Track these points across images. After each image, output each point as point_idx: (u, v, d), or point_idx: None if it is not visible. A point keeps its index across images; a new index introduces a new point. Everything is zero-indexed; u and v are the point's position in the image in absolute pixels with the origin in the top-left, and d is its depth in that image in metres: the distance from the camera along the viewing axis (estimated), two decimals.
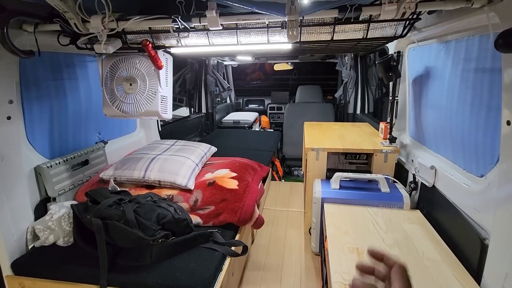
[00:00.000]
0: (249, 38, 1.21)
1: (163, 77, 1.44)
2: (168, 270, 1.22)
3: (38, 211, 1.48)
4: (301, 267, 1.86)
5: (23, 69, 1.38)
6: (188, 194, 1.64)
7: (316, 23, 1.09)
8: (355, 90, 3.52)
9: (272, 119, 5.17)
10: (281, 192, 2.99)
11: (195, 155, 1.91)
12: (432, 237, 1.35)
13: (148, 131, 2.50)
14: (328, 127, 2.64)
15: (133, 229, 1.24)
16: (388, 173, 1.91)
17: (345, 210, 1.59)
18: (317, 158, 1.99)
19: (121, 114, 1.45)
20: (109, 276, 1.20)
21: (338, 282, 1.08)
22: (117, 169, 1.72)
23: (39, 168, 1.48)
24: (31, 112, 1.46)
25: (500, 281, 0.95)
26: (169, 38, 1.30)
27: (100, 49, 1.21)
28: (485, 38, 1.09)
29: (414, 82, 1.82)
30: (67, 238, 1.39)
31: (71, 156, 1.66)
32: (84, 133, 1.84)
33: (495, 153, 1.05)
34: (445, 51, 1.40)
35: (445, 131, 1.44)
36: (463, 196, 1.26)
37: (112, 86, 1.46)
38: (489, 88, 1.08)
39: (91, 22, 1.13)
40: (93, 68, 1.83)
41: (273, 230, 2.28)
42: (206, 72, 3.93)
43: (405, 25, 1.11)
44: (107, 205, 1.29)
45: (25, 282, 1.27)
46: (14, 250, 1.34)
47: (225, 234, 1.51)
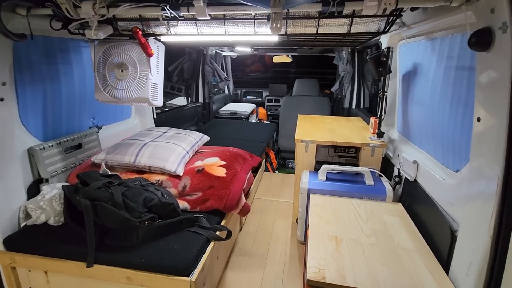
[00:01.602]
0: (237, 29, 1.23)
1: (154, 65, 1.47)
2: (153, 251, 1.27)
3: (30, 191, 1.53)
4: (286, 255, 1.92)
5: (17, 53, 1.41)
6: (177, 180, 1.69)
7: (301, 16, 1.12)
8: (351, 85, 3.53)
9: (270, 111, 5.19)
10: (273, 183, 3.04)
11: (186, 142, 1.95)
12: (409, 228, 1.40)
13: (143, 118, 2.54)
14: (320, 120, 2.67)
15: (121, 210, 1.29)
16: (375, 166, 1.96)
17: (330, 201, 1.64)
18: (306, 150, 2.03)
19: (112, 100, 1.49)
20: (96, 255, 1.26)
21: (314, 266, 1.13)
22: (109, 154, 1.76)
23: (32, 149, 1.52)
24: (25, 95, 1.50)
25: (464, 269, 1.01)
26: (159, 26, 1.32)
27: (91, 34, 1.24)
28: (466, 36, 1.11)
29: (403, 78, 1.85)
30: (57, 217, 1.44)
31: (64, 139, 1.70)
32: (78, 118, 1.87)
33: (469, 148, 1.09)
34: (431, 48, 1.42)
35: (428, 127, 1.48)
36: (440, 190, 1.30)
37: (104, 72, 1.49)
38: (466, 85, 1.12)
39: (82, 7, 1.16)
40: (87, 53, 1.86)
41: (262, 219, 2.34)
42: (204, 62, 3.93)
43: (387, 21, 1.13)
44: (96, 187, 1.34)
45: (16, 258, 1.33)
46: (6, 227, 1.39)
47: (211, 219, 1.56)
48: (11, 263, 1.35)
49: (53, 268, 1.31)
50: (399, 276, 1.07)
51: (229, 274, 1.74)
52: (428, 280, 1.06)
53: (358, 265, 1.12)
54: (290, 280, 1.71)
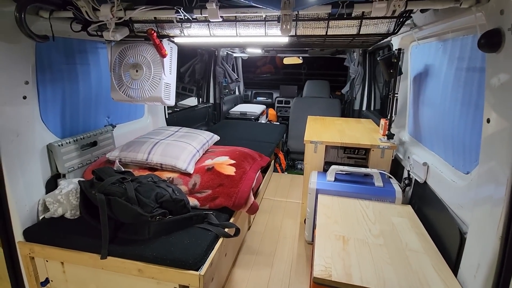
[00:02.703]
0: (248, 30, 1.27)
1: (167, 65, 1.52)
2: (163, 245, 1.31)
3: (49, 185, 1.60)
4: (293, 254, 1.93)
5: (39, 53, 1.48)
6: (187, 178, 1.73)
7: (311, 18, 1.14)
8: (362, 87, 3.51)
9: (280, 112, 5.21)
10: (282, 183, 3.06)
11: (196, 141, 2.00)
12: (418, 230, 1.39)
13: (155, 117, 2.60)
14: (330, 122, 2.68)
15: (133, 205, 1.33)
16: (385, 168, 1.95)
17: (338, 201, 1.64)
18: (315, 150, 2.04)
19: (127, 99, 1.54)
20: (109, 247, 1.31)
21: (320, 264, 1.14)
22: (123, 151, 1.83)
23: (51, 146, 1.59)
24: (45, 93, 1.57)
25: (473, 271, 1.00)
26: (173, 28, 1.37)
27: (109, 36, 1.30)
28: (476, 37, 1.11)
29: (414, 79, 1.84)
30: (74, 211, 1.51)
31: (81, 137, 1.77)
32: (94, 116, 1.95)
33: (479, 151, 1.08)
34: (443, 50, 1.42)
35: (439, 129, 1.47)
36: (450, 192, 1.29)
37: (120, 72, 1.55)
38: (477, 87, 1.11)
39: (101, 10, 1.21)
40: (103, 54, 1.93)
41: (270, 219, 2.36)
42: (215, 63, 3.99)
43: (396, 22, 1.14)
44: (111, 183, 1.39)
45: (35, 248, 1.40)
46: (26, 219, 1.46)
47: (220, 217, 1.59)
48: (30, 253, 1.42)
49: (69, 259, 1.37)
50: (405, 276, 1.07)
51: (236, 272, 1.76)
52: (435, 281, 1.06)
53: (364, 264, 1.13)
54: (297, 279, 1.72)
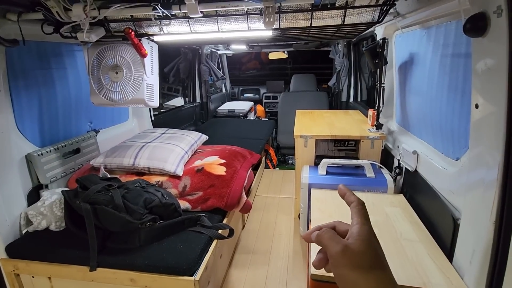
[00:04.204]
0: (230, 25, 1.22)
1: (149, 65, 1.46)
2: (155, 252, 1.27)
3: (30, 197, 1.52)
4: (289, 251, 1.92)
5: (10, 59, 1.40)
6: (177, 180, 1.68)
7: (294, 9, 1.10)
8: (348, 78, 3.52)
9: (268, 108, 5.18)
10: (274, 179, 3.04)
11: (184, 143, 1.95)
12: (411, 219, 1.39)
13: (141, 120, 2.53)
14: (319, 115, 2.67)
15: (121, 213, 1.28)
16: (375, 159, 1.95)
17: (331, 195, 1.63)
18: (306, 145, 2.03)
19: (108, 103, 1.48)
20: (99, 258, 1.25)
21: None
22: (107, 157, 1.76)
23: (30, 156, 1.51)
24: (20, 101, 1.49)
25: (468, 257, 1.00)
26: (152, 26, 1.31)
27: (83, 37, 1.23)
28: (461, 23, 1.10)
29: (400, 68, 1.84)
30: (59, 223, 1.44)
31: (62, 145, 1.69)
32: (75, 122, 1.87)
33: (468, 136, 1.08)
34: (427, 37, 1.41)
35: (426, 116, 1.47)
36: (441, 179, 1.30)
37: (99, 74, 1.48)
38: (463, 72, 1.11)
39: (73, 10, 1.15)
40: (81, 57, 1.84)
41: (264, 216, 2.34)
42: (200, 61, 3.92)
43: (381, 10, 1.12)
44: (96, 191, 1.34)
45: (19, 265, 1.33)
46: (8, 234, 1.38)
47: (213, 218, 1.56)
48: (14, 270, 1.34)
49: (57, 273, 1.31)
50: (402, 267, 1.07)
51: (233, 272, 1.74)
52: (432, 269, 1.06)
53: None
54: (295, 276, 1.71)
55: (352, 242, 0.37)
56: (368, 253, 0.37)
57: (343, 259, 0.37)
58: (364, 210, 0.41)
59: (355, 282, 0.36)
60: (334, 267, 0.38)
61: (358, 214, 0.40)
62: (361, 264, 0.36)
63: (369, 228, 0.39)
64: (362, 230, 0.38)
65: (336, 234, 0.40)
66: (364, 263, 0.36)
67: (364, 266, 0.36)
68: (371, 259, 0.37)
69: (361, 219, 0.39)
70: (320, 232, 0.41)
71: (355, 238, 0.37)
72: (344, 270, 0.37)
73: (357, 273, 0.36)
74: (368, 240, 0.38)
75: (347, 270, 0.36)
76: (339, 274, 0.37)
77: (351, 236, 0.38)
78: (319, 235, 0.40)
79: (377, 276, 0.36)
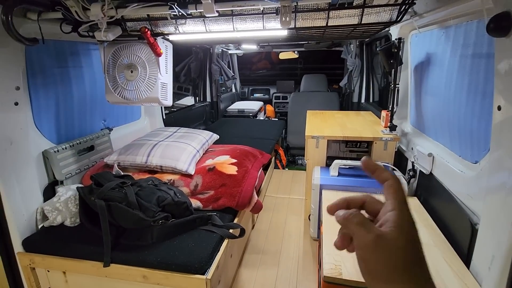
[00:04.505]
0: (245, 24, 1.22)
1: (163, 64, 1.47)
2: (167, 249, 1.28)
3: (46, 193, 1.56)
4: (299, 252, 1.91)
5: (29, 57, 1.43)
6: (188, 179, 1.69)
7: (311, 8, 1.09)
8: (360, 79, 3.48)
9: (277, 108, 5.17)
10: (284, 180, 3.03)
11: (196, 141, 1.96)
12: (426, 223, 1.37)
13: (153, 119, 2.55)
14: (330, 115, 2.64)
15: (135, 210, 1.30)
16: (388, 161, 1.92)
17: (343, 196, 1.61)
18: (317, 146, 2.01)
19: (123, 101, 1.50)
20: (112, 254, 1.27)
21: (329, 263, 1.11)
22: (121, 155, 1.78)
23: (47, 152, 1.55)
24: (38, 99, 1.52)
25: (487, 263, 0.97)
26: (167, 25, 1.32)
27: (101, 36, 1.25)
28: (482, 23, 1.07)
29: (415, 69, 1.80)
30: (73, 218, 1.47)
31: (77, 142, 1.72)
32: (89, 120, 1.90)
33: (489, 139, 1.05)
34: (445, 37, 1.38)
35: (443, 118, 1.44)
36: (458, 182, 1.26)
37: (114, 73, 1.50)
38: (484, 73, 1.08)
39: (91, 9, 1.16)
40: (97, 56, 1.88)
41: (274, 216, 2.33)
42: (211, 60, 3.93)
43: (399, 10, 1.10)
44: (110, 188, 1.35)
45: (35, 259, 1.36)
46: (25, 229, 1.42)
47: (224, 217, 1.56)
48: (31, 263, 1.38)
49: (71, 268, 1.33)
50: None
51: (243, 272, 1.74)
52: (448, 274, 1.04)
53: None
54: (305, 277, 1.70)
55: (388, 232, 0.30)
56: (407, 248, 0.30)
57: (374, 253, 0.30)
58: (401, 192, 0.33)
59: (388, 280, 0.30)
60: (362, 259, 0.32)
61: (395, 196, 0.33)
62: (398, 261, 0.29)
63: (408, 215, 0.32)
64: (401, 219, 0.31)
65: (367, 220, 0.32)
66: (402, 259, 0.29)
67: (401, 263, 0.29)
68: (409, 255, 0.30)
69: (399, 204, 0.32)
70: (348, 215, 0.33)
71: (391, 228, 0.30)
72: (374, 265, 0.30)
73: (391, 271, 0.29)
74: (409, 233, 0.31)
75: (379, 266, 0.30)
76: (367, 268, 0.31)
77: (386, 224, 0.31)
78: (347, 218, 0.33)
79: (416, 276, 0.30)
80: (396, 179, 0.34)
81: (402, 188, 0.34)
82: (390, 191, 0.33)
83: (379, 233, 0.31)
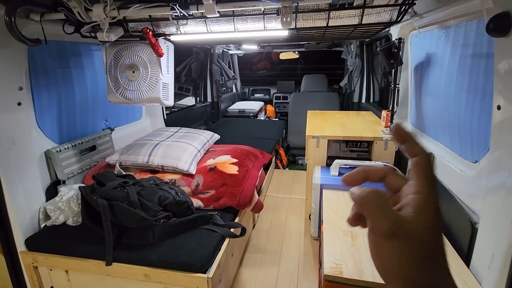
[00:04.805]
0: (246, 25, 1.23)
1: (164, 65, 1.48)
2: (169, 249, 1.29)
3: (49, 192, 1.57)
4: (300, 251, 1.92)
5: (32, 58, 1.44)
6: (190, 179, 1.70)
7: (311, 9, 1.10)
8: (360, 79, 3.48)
9: (278, 108, 5.17)
10: (284, 179, 3.04)
11: (197, 141, 1.97)
12: None
13: (154, 119, 2.56)
14: (330, 115, 2.65)
15: (136, 209, 1.31)
16: (388, 160, 1.93)
17: (343, 196, 1.62)
18: (318, 145, 2.02)
19: (125, 101, 1.51)
20: (114, 253, 1.28)
21: (330, 262, 1.12)
22: (122, 154, 1.79)
23: (49, 152, 1.56)
24: (40, 99, 1.53)
25: (487, 262, 0.98)
26: (169, 25, 1.33)
27: (103, 37, 1.26)
28: (482, 23, 1.08)
29: (415, 69, 1.81)
30: (76, 218, 1.48)
31: (79, 142, 1.74)
32: (91, 120, 1.91)
33: (488, 138, 1.06)
34: (445, 37, 1.39)
35: (443, 118, 1.44)
36: (458, 182, 1.27)
37: (116, 73, 1.51)
38: (484, 73, 1.08)
39: (94, 10, 1.17)
40: (98, 56, 1.89)
41: (274, 216, 2.34)
42: (211, 61, 3.94)
43: (400, 10, 1.11)
44: (112, 187, 1.36)
45: (38, 257, 1.37)
46: (28, 228, 1.43)
47: (225, 217, 1.57)
48: (33, 262, 1.39)
49: (74, 267, 1.34)
50: None
51: (244, 271, 1.74)
52: None
53: None
54: (305, 276, 1.71)
55: (409, 220, 0.26)
56: (430, 241, 0.26)
57: (391, 242, 0.26)
58: (431, 173, 0.28)
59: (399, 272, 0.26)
60: (375, 247, 0.28)
61: (421, 177, 0.28)
62: (419, 254, 0.25)
63: (434, 202, 0.27)
64: (425, 205, 0.26)
65: (386, 203, 0.27)
66: (423, 253, 0.25)
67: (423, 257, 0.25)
68: (431, 248, 0.26)
69: (425, 187, 0.27)
70: (365, 193, 0.28)
71: (412, 214, 0.26)
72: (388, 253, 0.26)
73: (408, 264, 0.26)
74: (432, 222, 0.26)
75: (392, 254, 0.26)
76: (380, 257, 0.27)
77: (407, 208, 0.27)
78: (363, 197, 0.28)
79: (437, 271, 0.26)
80: (428, 156, 0.29)
81: (431, 168, 0.28)
82: (417, 170, 0.28)
83: (398, 218, 0.26)
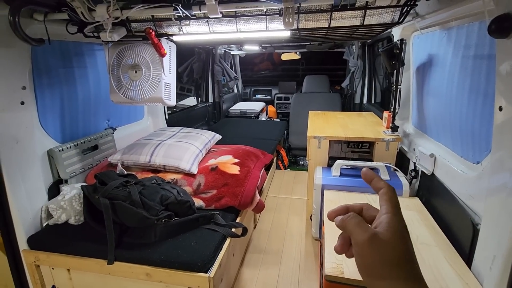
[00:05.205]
0: (248, 25, 1.24)
1: (167, 65, 1.49)
2: (171, 248, 1.29)
3: (51, 191, 1.58)
4: (301, 252, 1.92)
5: (35, 57, 1.45)
6: (191, 179, 1.71)
7: (313, 10, 1.11)
8: (362, 80, 3.48)
9: (279, 109, 5.18)
10: (285, 180, 3.04)
11: (199, 141, 1.97)
12: (428, 223, 1.37)
13: (156, 118, 2.57)
14: (332, 116, 2.65)
15: (138, 208, 1.31)
16: (390, 161, 1.93)
17: (345, 196, 1.62)
18: (319, 146, 2.02)
19: (127, 101, 1.52)
20: (116, 252, 1.29)
21: (331, 262, 1.12)
22: (124, 154, 1.80)
23: (52, 151, 1.57)
24: (43, 98, 1.54)
25: (488, 263, 0.98)
26: (171, 26, 1.34)
27: (106, 37, 1.27)
28: (484, 24, 1.08)
29: (417, 70, 1.81)
30: (78, 217, 1.48)
31: (82, 141, 1.75)
32: (93, 120, 1.92)
33: (490, 139, 1.06)
34: (447, 38, 1.39)
35: (445, 119, 1.44)
36: (460, 183, 1.27)
37: (119, 73, 1.52)
38: (486, 74, 1.08)
39: (97, 10, 1.18)
40: (101, 56, 1.90)
41: (276, 216, 2.34)
42: (213, 61, 3.95)
43: (401, 11, 1.11)
44: (114, 187, 1.37)
45: (40, 256, 1.38)
46: (30, 227, 1.44)
47: (227, 217, 1.57)
48: (35, 261, 1.39)
49: (75, 266, 1.35)
50: None
51: (245, 271, 1.75)
52: (449, 274, 1.04)
53: None
54: (306, 276, 1.71)
55: (381, 232, 0.35)
56: (398, 246, 0.34)
57: (369, 249, 0.34)
58: (395, 198, 0.38)
59: (381, 275, 0.33)
60: (358, 256, 0.36)
61: (388, 202, 0.37)
62: (390, 257, 0.34)
63: (400, 218, 0.36)
64: (393, 221, 0.35)
65: (363, 221, 0.37)
66: (393, 256, 0.34)
67: (393, 259, 0.33)
68: (400, 252, 0.34)
69: (392, 208, 0.36)
70: (346, 217, 0.38)
71: (384, 228, 0.35)
72: (369, 260, 0.34)
73: (384, 266, 0.33)
74: (399, 232, 0.35)
75: (373, 262, 0.34)
76: (363, 263, 0.35)
77: (380, 225, 0.35)
78: (344, 220, 0.38)
79: (407, 272, 0.34)
80: (390, 187, 0.39)
81: (395, 195, 0.38)
82: (384, 198, 0.38)
83: (374, 232, 0.35)
